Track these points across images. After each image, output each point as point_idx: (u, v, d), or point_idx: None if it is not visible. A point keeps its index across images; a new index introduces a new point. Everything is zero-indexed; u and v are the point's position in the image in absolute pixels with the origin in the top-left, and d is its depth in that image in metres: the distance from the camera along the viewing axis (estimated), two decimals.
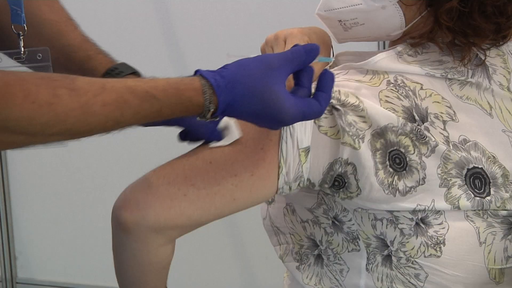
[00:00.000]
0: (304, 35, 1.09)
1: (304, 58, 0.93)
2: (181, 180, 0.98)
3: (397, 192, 0.99)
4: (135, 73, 1.10)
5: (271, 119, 0.91)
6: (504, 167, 1.03)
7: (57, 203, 2.66)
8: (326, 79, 0.95)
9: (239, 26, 2.42)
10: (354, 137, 0.99)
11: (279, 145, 1.00)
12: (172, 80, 0.91)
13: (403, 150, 0.99)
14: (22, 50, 1.14)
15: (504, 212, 1.03)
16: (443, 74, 1.03)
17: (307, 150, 1.00)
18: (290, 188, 1.02)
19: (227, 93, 0.90)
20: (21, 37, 1.14)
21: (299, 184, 1.02)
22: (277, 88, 0.90)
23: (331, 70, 1.05)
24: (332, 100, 0.99)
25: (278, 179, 1.00)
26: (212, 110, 0.90)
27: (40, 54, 1.20)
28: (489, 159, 1.02)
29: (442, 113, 1.01)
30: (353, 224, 1.05)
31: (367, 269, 1.06)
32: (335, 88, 0.99)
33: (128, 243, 0.99)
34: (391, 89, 1.01)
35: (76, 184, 2.63)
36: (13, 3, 1.14)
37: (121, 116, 0.87)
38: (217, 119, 0.92)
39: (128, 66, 1.11)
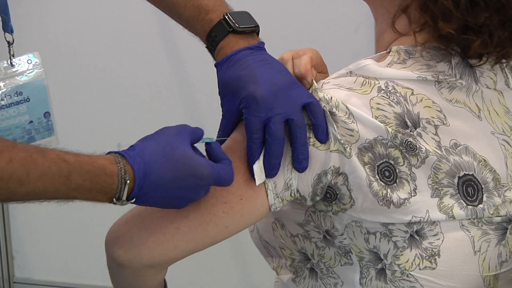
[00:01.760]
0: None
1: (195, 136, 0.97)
2: (173, 213, 0.99)
3: (391, 204, 0.98)
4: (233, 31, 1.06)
5: (191, 176, 0.92)
6: (494, 170, 1.02)
7: (53, 206, 2.65)
8: (215, 150, 0.97)
9: None
10: (345, 146, 0.98)
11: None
12: (85, 154, 0.90)
13: (392, 162, 0.98)
14: (11, 58, 1.13)
15: (498, 219, 1.02)
16: (434, 76, 1.02)
17: None
18: (282, 201, 1.01)
19: (140, 161, 0.90)
20: (10, 46, 1.13)
21: (290, 195, 1.01)
22: (185, 148, 0.93)
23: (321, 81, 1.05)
24: (325, 104, 0.99)
25: (267, 196, 1.00)
26: (128, 181, 0.89)
27: (30, 60, 1.19)
28: (480, 163, 1.01)
29: (433, 117, 1.00)
30: (345, 239, 1.04)
31: (360, 283, 1.05)
32: (327, 94, 1.00)
33: (123, 274, 1.00)
34: (382, 96, 1.00)
35: None
36: (1, 11, 1.13)
37: (26, 176, 0.84)
38: (134, 201, 0.91)
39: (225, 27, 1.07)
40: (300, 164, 0.99)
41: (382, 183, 0.98)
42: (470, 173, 1.00)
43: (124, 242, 0.98)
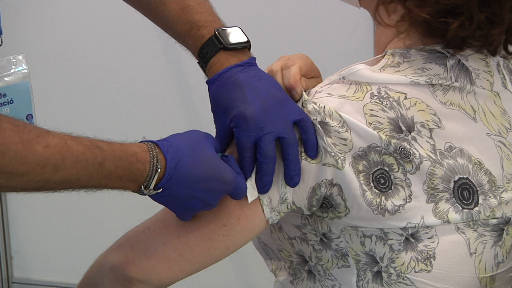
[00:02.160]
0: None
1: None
2: (175, 241, 1.01)
3: (386, 212, 0.99)
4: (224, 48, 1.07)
5: (216, 178, 0.93)
6: (490, 172, 1.02)
7: (54, 202, 2.65)
8: (232, 163, 0.98)
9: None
10: (337, 157, 0.98)
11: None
12: (118, 141, 0.91)
13: (387, 169, 0.98)
14: None
15: (494, 221, 1.02)
16: (427, 80, 1.01)
17: None
18: (279, 213, 1.02)
19: (173, 152, 0.91)
20: None
21: (287, 207, 1.02)
22: (212, 151, 0.96)
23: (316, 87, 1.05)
24: (315, 117, 1.00)
25: (263, 211, 1.01)
26: (159, 169, 0.90)
27: (16, 62, 1.19)
28: (476, 165, 1.01)
29: (428, 121, 1.00)
30: (341, 242, 1.04)
31: (357, 286, 1.05)
32: (319, 105, 1.00)
33: None
34: (375, 102, 1.00)
35: None
36: None
37: (62, 162, 0.84)
38: (160, 191, 0.92)
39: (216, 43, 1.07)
40: (292, 179, 1.00)
41: (377, 191, 0.99)
42: (465, 176, 1.00)
43: (135, 267, 1.01)
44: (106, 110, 2.55)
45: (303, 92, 1.04)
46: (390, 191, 0.99)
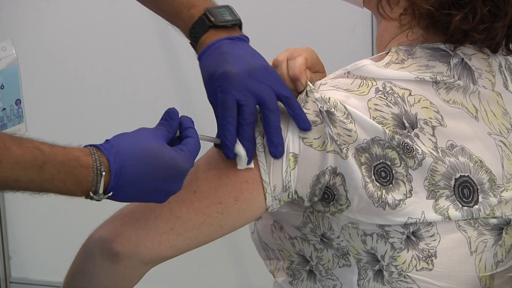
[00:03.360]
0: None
1: (173, 125, 0.96)
2: (167, 214, 0.99)
3: (386, 205, 0.98)
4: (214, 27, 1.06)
5: (167, 168, 0.92)
6: (490, 171, 1.02)
7: (52, 202, 2.64)
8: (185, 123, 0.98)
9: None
10: (342, 146, 0.98)
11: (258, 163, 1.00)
12: (60, 145, 0.89)
13: (389, 163, 0.98)
14: None
15: (494, 220, 1.02)
16: (432, 77, 1.02)
17: (295, 157, 1.00)
18: (279, 202, 1.01)
19: (116, 153, 0.90)
20: None
21: (288, 196, 1.01)
22: (159, 141, 0.93)
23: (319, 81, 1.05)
24: (322, 105, 0.99)
25: (265, 199, 1.00)
26: (104, 172, 0.88)
27: (5, 47, 1.19)
28: (476, 164, 1.01)
29: (431, 118, 1.00)
30: (342, 241, 1.04)
31: (358, 285, 1.05)
32: (324, 95, 1.00)
33: (111, 270, 1.00)
34: (380, 97, 1.00)
35: None
36: None
37: None
38: (110, 195, 0.91)
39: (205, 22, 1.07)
40: (277, 148, 0.99)
41: (378, 184, 0.99)
42: (466, 174, 1.00)
43: (123, 240, 0.99)
44: (104, 111, 2.54)
45: (308, 83, 1.04)
46: (391, 185, 0.99)
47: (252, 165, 1.00)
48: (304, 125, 0.99)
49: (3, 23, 2.51)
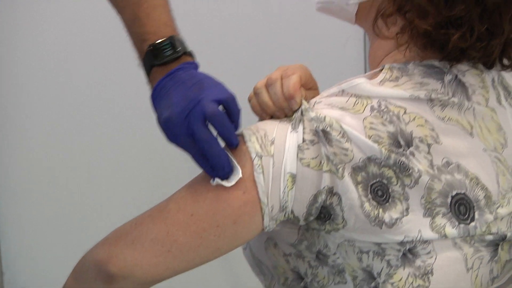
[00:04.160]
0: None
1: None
2: (164, 236, 0.99)
3: (383, 224, 0.98)
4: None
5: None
6: (486, 188, 1.02)
7: (46, 217, 2.65)
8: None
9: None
10: (338, 166, 0.98)
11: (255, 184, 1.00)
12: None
13: (385, 182, 0.98)
14: None
15: (490, 237, 1.02)
16: (427, 94, 1.02)
17: (293, 177, 0.99)
18: (276, 221, 1.01)
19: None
20: None
21: (284, 215, 1.01)
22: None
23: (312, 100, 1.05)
24: (317, 124, 0.99)
25: (263, 219, 1.00)
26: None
27: None
28: (472, 181, 1.01)
29: (426, 136, 1.00)
30: (338, 258, 1.04)
31: None
32: (320, 114, 1.00)
33: None
34: (375, 115, 1.00)
35: (65, 199, 2.62)
36: None
37: None
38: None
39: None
40: (233, 143, 1.01)
41: (375, 203, 0.98)
42: (462, 191, 1.00)
43: (118, 261, 0.99)
44: (104, 111, 2.53)
45: (303, 101, 1.04)
46: (387, 203, 0.99)
47: (239, 175, 1.00)
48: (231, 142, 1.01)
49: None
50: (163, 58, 1.07)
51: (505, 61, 1.08)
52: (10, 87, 2.51)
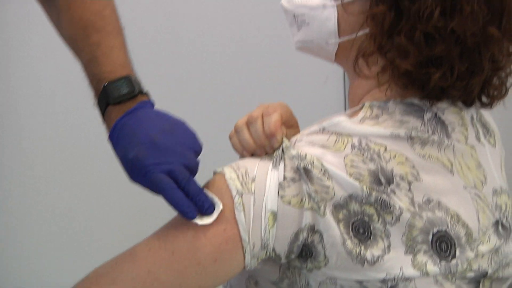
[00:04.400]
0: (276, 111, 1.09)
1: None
2: (145, 275, 0.98)
3: (365, 262, 0.98)
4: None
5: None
6: (467, 225, 1.02)
7: (41, 217, 2.62)
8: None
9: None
10: (319, 204, 0.98)
11: (236, 221, 0.99)
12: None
13: (367, 219, 0.98)
14: None
15: (471, 274, 1.02)
16: (407, 133, 1.02)
17: (274, 214, 0.99)
18: (257, 260, 1.01)
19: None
20: None
21: (266, 253, 1.01)
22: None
23: (295, 137, 1.05)
24: (299, 162, 0.99)
25: (245, 257, 0.99)
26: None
27: None
28: (453, 218, 1.01)
29: (407, 173, 1.00)
30: None
31: None
32: (301, 152, 1.00)
33: None
34: (356, 153, 1.00)
35: (61, 199, 2.59)
36: None
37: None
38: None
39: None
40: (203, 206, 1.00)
41: (357, 240, 0.98)
42: (443, 229, 1.00)
43: None
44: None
45: (284, 139, 1.04)
46: (369, 241, 0.98)
47: (219, 210, 0.99)
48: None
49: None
50: (119, 96, 1.08)
51: (484, 99, 1.09)
52: (9, 87, 2.50)
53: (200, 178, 1.04)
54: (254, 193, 1.00)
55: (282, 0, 1.12)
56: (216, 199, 1.00)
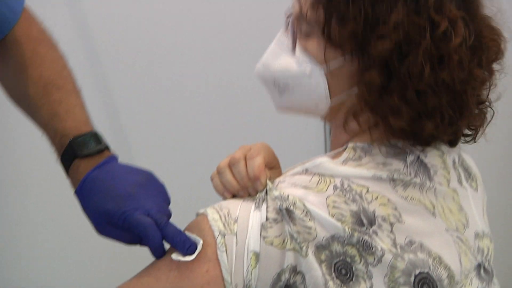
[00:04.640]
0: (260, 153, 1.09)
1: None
2: None
3: None
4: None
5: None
6: (449, 267, 1.02)
7: (40, 217, 2.59)
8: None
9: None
10: (301, 245, 0.98)
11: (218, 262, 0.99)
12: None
13: (349, 260, 0.98)
14: None
15: None
16: (389, 175, 1.03)
17: (256, 255, 0.99)
18: None
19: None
20: None
21: None
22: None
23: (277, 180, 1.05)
24: (281, 202, 1.00)
25: None
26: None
27: None
28: (435, 260, 1.01)
29: (389, 215, 1.00)
30: None
31: None
32: (283, 193, 1.00)
33: None
34: (338, 194, 1.00)
35: (59, 199, 2.56)
36: None
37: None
38: None
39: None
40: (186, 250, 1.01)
41: (339, 281, 0.98)
42: (425, 271, 1.00)
43: None
44: (105, 111, 2.52)
45: (268, 181, 1.04)
46: (351, 282, 0.98)
47: (199, 247, 0.99)
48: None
49: None
50: (88, 150, 1.11)
51: (467, 131, 1.10)
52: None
53: (181, 221, 1.05)
54: (237, 234, 0.99)
55: (256, 69, 1.12)
56: (196, 237, 1.00)
